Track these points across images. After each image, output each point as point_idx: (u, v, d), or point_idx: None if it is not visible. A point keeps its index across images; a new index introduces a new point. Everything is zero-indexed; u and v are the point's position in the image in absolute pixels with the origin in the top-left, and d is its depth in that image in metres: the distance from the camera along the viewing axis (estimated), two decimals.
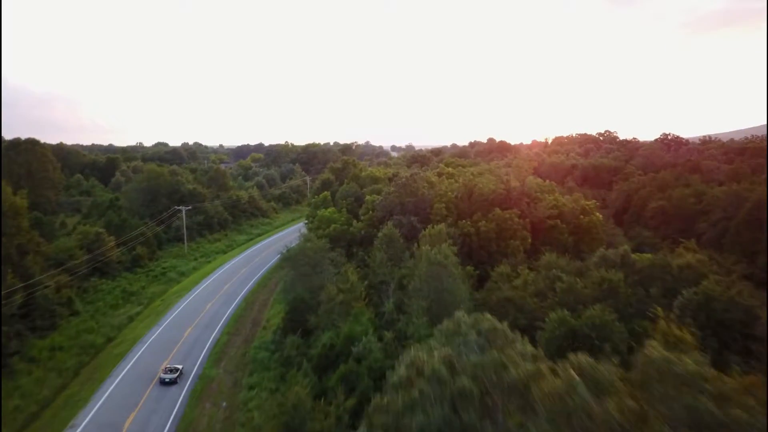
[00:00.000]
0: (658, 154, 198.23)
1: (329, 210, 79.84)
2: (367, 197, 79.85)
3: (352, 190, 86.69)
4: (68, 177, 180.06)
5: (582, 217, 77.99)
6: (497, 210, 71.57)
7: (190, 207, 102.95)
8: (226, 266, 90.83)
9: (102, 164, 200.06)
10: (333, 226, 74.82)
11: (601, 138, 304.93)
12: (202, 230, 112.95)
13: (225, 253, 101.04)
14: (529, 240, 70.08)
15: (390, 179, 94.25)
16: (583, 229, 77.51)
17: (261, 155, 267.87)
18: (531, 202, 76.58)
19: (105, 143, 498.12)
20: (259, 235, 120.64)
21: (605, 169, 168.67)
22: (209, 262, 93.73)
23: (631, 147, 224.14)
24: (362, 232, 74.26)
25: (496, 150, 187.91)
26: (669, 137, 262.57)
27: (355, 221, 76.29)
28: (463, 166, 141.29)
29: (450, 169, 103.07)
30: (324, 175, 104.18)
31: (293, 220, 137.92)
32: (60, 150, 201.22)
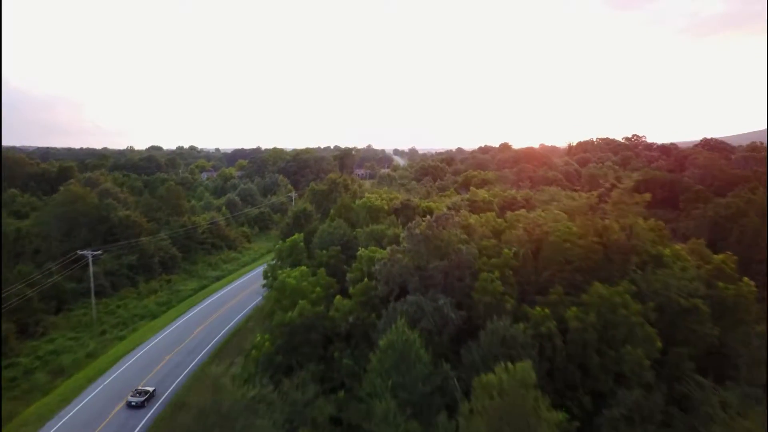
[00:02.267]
0: (718, 164, 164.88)
1: (297, 271, 47.65)
2: (361, 251, 47.64)
3: (338, 232, 54.57)
4: (4, 191, 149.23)
5: (723, 286, 45.77)
6: (596, 285, 39.35)
7: (100, 252, 70.46)
8: (144, 348, 58.59)
9: (53, 175, 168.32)
10: (300, 304, 42.61)
11: (628, 142, 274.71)
12: (135, 276, 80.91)
13: (155, 317, 68.79)
14: (659, 344, 37.83)
15: (397, 211, 62.22)
16: (726, 309, 45.36)
17: (246, 162, 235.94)
18: (645, 264, 44.23)
19: (100, 147, 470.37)
20: (218, 278, 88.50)
21: (658, 183, 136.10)
22: (122, 338, 61.57)
23: (679, 154, 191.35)
24: (351, 318, 42.13)
25: (524, 158, 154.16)
26: (712, 142, 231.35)
27: (339, 297, 44.11)
28: (490, 182, 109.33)
29: (485, 193, 70.75)
30: (299, 203, 70.97)
31: (269, 252, 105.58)
32: None
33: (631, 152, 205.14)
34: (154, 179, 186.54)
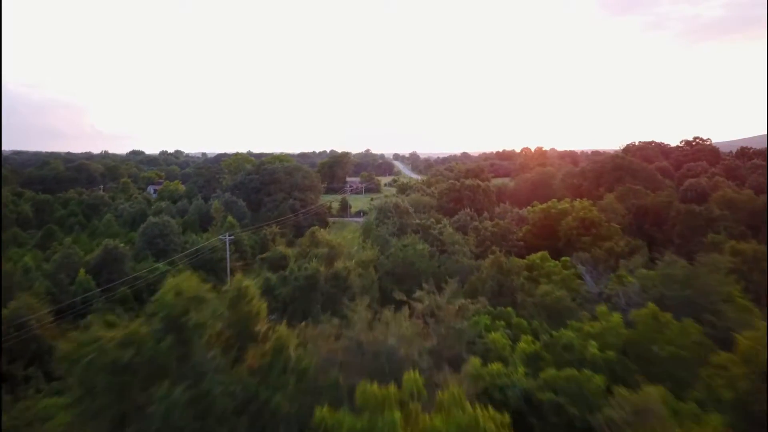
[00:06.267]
0: None
1: None
2: None
3: None
4: None
5: None
6: None
7: None
8: None
9: None
10: None
11: (689, 147, 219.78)
12: None
13: None
14: None
15: None
16: None
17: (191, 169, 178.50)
18: None
19: (82, 151, 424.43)
20: None
21: None
22: None
23: None
24: None
25: (609, 170, 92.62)
26: None
27: None
28: (597, 225, 53.25)
29: None
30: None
31: None
32: None
33: (728, 161, 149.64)
34: (54, 200, 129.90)
